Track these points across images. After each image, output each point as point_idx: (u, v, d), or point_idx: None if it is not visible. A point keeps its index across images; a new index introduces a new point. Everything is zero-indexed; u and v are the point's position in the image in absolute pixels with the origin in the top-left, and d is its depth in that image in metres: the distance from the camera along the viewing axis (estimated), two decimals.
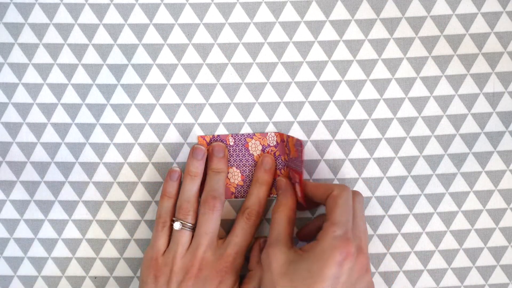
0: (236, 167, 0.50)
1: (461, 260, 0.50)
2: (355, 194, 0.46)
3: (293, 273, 0.42)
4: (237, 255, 0.47)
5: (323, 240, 0.42)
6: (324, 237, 0.42)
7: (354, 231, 0.43)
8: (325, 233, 0.43)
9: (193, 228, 0.47)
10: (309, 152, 0.50)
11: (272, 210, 0.47)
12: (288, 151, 0.49)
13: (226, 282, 0.46)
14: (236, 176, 0.50)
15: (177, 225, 0.47)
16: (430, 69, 0.50)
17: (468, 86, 0.50)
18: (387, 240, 0.50)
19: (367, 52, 0.50)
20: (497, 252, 0.51)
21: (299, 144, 0.46)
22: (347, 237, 0.42)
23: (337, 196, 0.44)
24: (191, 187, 0.48)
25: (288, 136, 0.48)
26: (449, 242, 0.50)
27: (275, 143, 0.50)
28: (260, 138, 0.50)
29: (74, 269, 0.51)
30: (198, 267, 0.46)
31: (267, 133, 0.50)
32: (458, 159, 0.50)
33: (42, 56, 0.50)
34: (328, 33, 0.50)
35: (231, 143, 0.50)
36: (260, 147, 0.50)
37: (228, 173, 0.50)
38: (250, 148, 0.50)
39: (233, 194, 0.50)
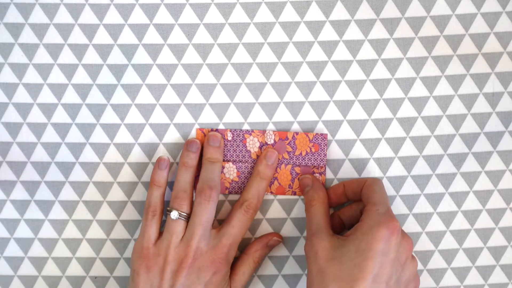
0: (233, 163, 0.50)
1: (461, 260, 0.50)
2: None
3: (340, 257, 0.42)
4: (231, 246, 0.47)
5: (368, 218, 0.43)
6: (369, 216, 0.43)
7: None
8: (368, 213, 0.44)
9: (187, 218, 0.47)
10: None
11: (305, 207, 0.47)
12: (293, 148, 0.49)
13: (220, 273, 0.46)
14: (231, 172, 0.50)
15: (174, 215, 0.46)
16: (430, 69, 0.50)
17: (468, 86, 0.50)
18: None
19: (367, 52, 0.50)
20: (497, 252, 0.51)
21: (322, 138, 0.49)
22: (391, 213, 0.43)
23: (372, 183, 0.46)
24: (186, 176, 0.48)
25: (297, 133, 0.49)
26: (448, 242, 0.50)
27: (272, 141, 0.50)
28: (258, 135, 0.50)
29: (74, 269, 0.51)
30: (193, 257, 0.46)
31: (265, 130, 0.50)
32: (458, 159, 0.50)
33: (42, 56, 0.50)
34: (328, 33, 0.50)
35: (229, 138, 0.50)
36: (258, 144, 0.50)
37: (223, 166, 0.50)
38: (247, 144, 0.50)
39: (227, 190, 0.50)
